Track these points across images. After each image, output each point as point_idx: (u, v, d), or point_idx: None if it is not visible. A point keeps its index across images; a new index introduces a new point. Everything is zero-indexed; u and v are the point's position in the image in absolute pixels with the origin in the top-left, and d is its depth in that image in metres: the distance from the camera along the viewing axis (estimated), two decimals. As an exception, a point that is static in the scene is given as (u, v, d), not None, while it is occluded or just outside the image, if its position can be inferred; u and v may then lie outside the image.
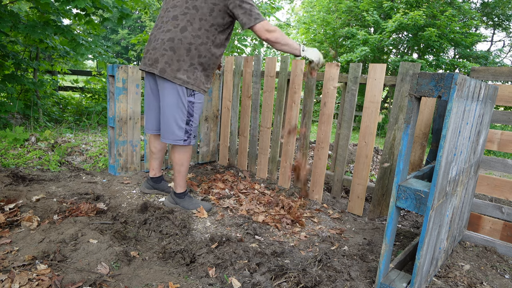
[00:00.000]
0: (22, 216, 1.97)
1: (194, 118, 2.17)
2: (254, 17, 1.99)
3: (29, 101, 5.06)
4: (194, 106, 2.13)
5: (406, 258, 1.82)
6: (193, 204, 2.38)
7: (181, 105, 2.09)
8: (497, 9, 11.13)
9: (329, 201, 2.78)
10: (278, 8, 7.11)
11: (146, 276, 1.57)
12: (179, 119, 2.13)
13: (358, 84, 2.53)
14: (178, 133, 2.15)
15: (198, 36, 2.02)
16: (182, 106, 2.10)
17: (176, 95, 2.08)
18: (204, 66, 2.09)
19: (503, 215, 2.11)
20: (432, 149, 2.21)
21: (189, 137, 2.20)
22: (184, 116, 2.13)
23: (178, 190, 2.37)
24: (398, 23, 9.05)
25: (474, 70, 2.13)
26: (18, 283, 1.39)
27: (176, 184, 2.37)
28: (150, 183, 2.58)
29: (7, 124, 4.44)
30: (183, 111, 2.11)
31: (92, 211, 2.14)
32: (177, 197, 2.38)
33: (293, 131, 2.83)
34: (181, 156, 2.26)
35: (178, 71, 2.03)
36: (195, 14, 2.00)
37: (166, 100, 2.11)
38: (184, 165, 2.30)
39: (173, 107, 2.10)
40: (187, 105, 2.10)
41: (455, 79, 1.26)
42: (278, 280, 1.63)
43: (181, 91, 2.07)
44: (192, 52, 2.02)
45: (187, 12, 2.01)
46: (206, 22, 2.01)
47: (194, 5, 2.01)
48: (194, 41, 2.01)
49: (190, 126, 2.17)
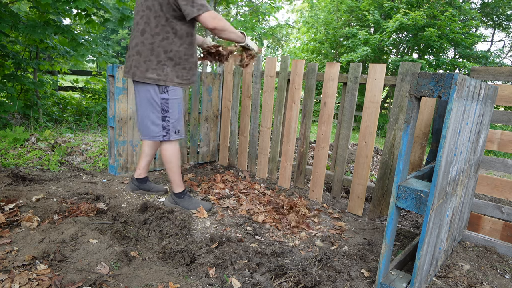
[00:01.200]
0: (22, 216, 1.97)
1: (170, 113, 2.20)
2: (197, 7, 1.99)
3: (29, 101, 5.06)
4: (168, 102, 2.18)
5: (406, 258, 1.82)
6: (193, 204, 2.39)
7: (154, 102, 2.16)
8: (496, 9, 11.12)
9: (329, 201, 2.78)
10: (278, 7, 7.11)
11: (146, 276, 1.57)
12: (154, 116, 2.19)
13: (358, 84, 2.53)
14: (155, 130, 2.22)
15: (157, 34, 2.07)
16: (155, 103, 2.17)
17: (148, 93, 2.15)
18: (174, 60, 2.12)
19: (503, 215, 2.11)
20: (432, 149, 2.20)
21: (168, 132, 2.24)
22: (159, 113, 2.19)
23: (176, 190, 2.38)
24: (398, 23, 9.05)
25: (474, 70, 2.13)
26: (18, 283, 1.39)
27: (172, 183, 2.37)
28: (135, 183, 2.57)
29: (7, 124, 4.44)
30: (156, 108, 2.18)
31: (92, 211, 2.14)
32: (177, 197, 2.39)
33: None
34: (167, 153, 2.29)
35: (146, 71, 2.10)
36: (150, 13, 2.07)
37: (139, 99, 2.21)
38: (173, 162, 2.31)
39: (147, 105, 2.18)
40: (160, 102, 2.16)
41: (455, 79, 1.26)
42: (278, 280, 1.63)
43: (153, 89, 2.14)
44: (156, 50, 2.08)
45: (143, 15, 2.09)
46: (160, 18, 2.05)
47: (147, 5, 2.08)
48: (154, 39, 2.07)
49: (167, 122, 2.22)
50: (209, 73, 3.49)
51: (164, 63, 2.10)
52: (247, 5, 7.26)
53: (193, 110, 3.41)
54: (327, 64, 2.65)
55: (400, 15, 9.12)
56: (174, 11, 2.05)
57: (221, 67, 3.55)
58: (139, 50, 2.10)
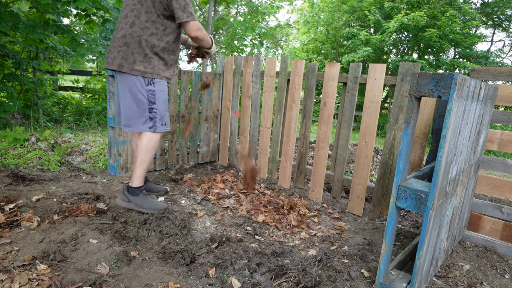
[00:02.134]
0: (22, 216, 1.97)
1: (156, 105, 2.23)
2: (187, 14, 2.13)
3: (29, 101, 5.06)
4: (155, 94, 2.21)
5: (406, 258, 1.82)
6: (147, 203, 2.24)
7: (141, 94, 2.18)
8: (496, 10, 11.11)
9: (329, 201, 2.78)
10: (278, 7, 7.10)
11: (146, 276, 1.57)
12: (141, 107, 2.20)
13: (358, 84, 2.53)
14: (142, 121, 2.23)
15: (146, 28, 2.13)
16: (141, 95, 2.19)
17: (134, 86, 2.17)
18: (159, 55, 2.19)
19: (503, 215, 2.11)
20: (432, 149, 2.21)
21: (155, 124, 2.24)
22: (146, 104, 2.20)
23: (134, 184, 2.24)
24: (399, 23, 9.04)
25: (474, 70, 2.13)
26: (18, 283, 1.39)
27: (134, 177, 2.25)
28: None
29: (7, 124, 4.44)
30: (143, 100, 2.20)
31: (92, 211, 2.14)
32: (130, 194, 2.23)
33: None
34: (148, 144, 2.22)
35: (134, 63, 2.14)
36: (141, 8, 2.13)
37: (124, 91, 2.22)
38: (150, 153, 2.25)
39: (134, 97, 2.19)
40: (146, 94, 2.19)
41: (455, 79, 1.26)
42: (278, 280, 1.63)
43: (139, 81, 2.17)
44: (143, 43, 2.13)
45: (134, 8, 2.15)
46: (151, 14, 2.13)
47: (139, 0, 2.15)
48: (143, 33, 2.13)
49: (154, 113, 2.23)
50: (209, 73, 3.49)
51: (151, 57, 2.16)
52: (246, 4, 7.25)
53: (193, 110, 3.41)
54: (327, 64, 2.65)
55: (401, 15, 9.12)
56: (165, 10, 2.14)
57: (222, 67, 3.55)
58: (126, 41, 2.13)
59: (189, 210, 2.40)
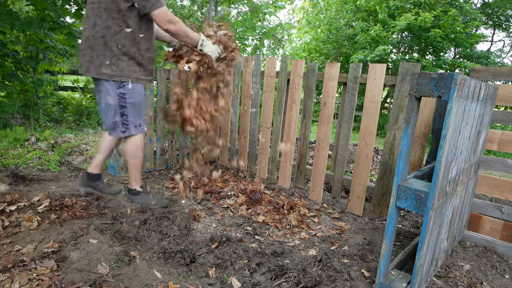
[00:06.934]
0: (22, 216, 1.97)
1: (128, 109, 2.10)
2: (150, 3, 1.89)
3: (29, 101, 5.06)
4: (126, 97, 2.08)
5: (406, 258, 1.82)
6: (149, 199, 2.30)
7: (111, 98, 2.07)
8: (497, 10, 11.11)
9: (329, 201, 2.78)
10: (280, 7, 7.08)
11: (146, 276, 1.57)
12: (112, 112, 2.10)
13: (358, 84, 2.53)
14: (115, 125, 2.13)
15: (108, 27, 1.95)
16: (111, 99, 2.08)
17: (104, 89, 2.07)
18: (129, 54, 2.01)
19: (503, 215, 2.11)
20: (432, 149, 2.20)
21: (128, 128, 2.14)
22: (117, 108, 2.09)
23: (133, 186, 2.28)
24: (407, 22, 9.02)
25: (474, 70, 2.13)
26: (18, 283, 1.39)
27: (131, 179, 2.27)
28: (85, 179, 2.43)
29: (7, 124, 4.44)
30: (114, 104, 2.09)
31: (92, 211, 2.14)
32: (133, 195, 2.29)
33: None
34: (131, 148, 2.20)
35: (100, 66, 1.99)
36: (100, 6, 1.95)
37: (99, 95, 2.12)
38: (138, 157, 2.23)
39: (105, 102, 2.10)
40: (117, 97, 2.07)
41: (455, 79, 1.26)
42: (278, 280, 1.63)
43: (109, 85, 2.05)
44: (109, 44, 1.97)
45: (93, 8, 1.97)
46: (111, 11, 1.93)
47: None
48: (106, 32, 1.95)
49: (125, 117, 2.12)
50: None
51: (118, 58, 1.99)
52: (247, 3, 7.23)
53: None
54: (327, 64, 2.65)
55: (410, 15, 9.09)
56: (126, 2, 1.92)
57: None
58: (90, 44, 1.98)
59: (189, 210, 2.40)
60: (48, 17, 4.26)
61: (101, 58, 1.98)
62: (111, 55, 1.98)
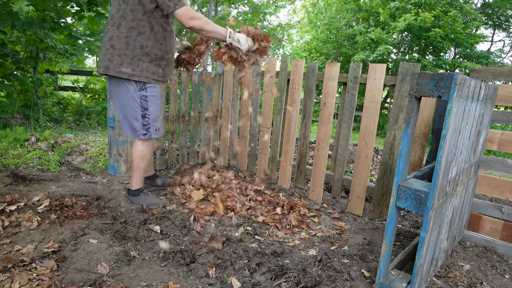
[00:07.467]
0: (22, 216, 1.97)
1: (149, 111, 2.13)
2: (173, 2, 1.93)
3: (29, 101, 5.06)
4: (147, 100, 2.10)
5: (406, 258, 1.82)
6: (150, 199, 2.31)
7: (133, 100, 2.08)
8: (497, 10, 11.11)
9: (329, 201, 2.78)
10: (281, 6, 7.08)
11: (146, 276, 1.57)
12: (134, 113, 2.12)
13: (358, 84, 2.53)
14: (136, 127, 2.15)
15: (133, 28, 1.99)
16: (134, 100, 2.09)
17: (125, 90, 2.07)
18: (150, 56, 2.05)
19: (503, 215, 2.11)
20: (432, 149, 2.20)
21: (148, 130, 2.17)
22: (138, 110, 2.11)
23: (134, 187, 2.28)
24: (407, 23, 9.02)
25: (474, 70, 2.13)
26: (18, 283, 1.39)
27: (133, 180, 2.28)
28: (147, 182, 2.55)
29: (7, 124, 4.44)
30: (136, 106, 2.10)
31: (92, 211, 2.14)
32: (132, 195, 2.29)
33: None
34: (143, 150, 2.22)
35: (121, 65, 2.00)
36: (126, 7, 1.98)
37: (117, 96, 2.12)
38: (145, 159, 2.25)
39: (126, 103, 2.10)
40: (139, 100, 2.09)
41: (455, 79, 1.26)
42: (278, 280, 1.63)
43: (130, 85, 2.06)
44: (132, 44, 2.00)
45: (119, 9, 2.01)
46: (137, 12, 1.97)
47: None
48: (130, 33, 1.99)
49: (148, 119, 2.14)
50: (209, 73, 3.49)
51: (140, 58, 2.02)
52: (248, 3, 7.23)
53: (193, 110, 3.41)
54: (327, 64, 2.65)
55: (409, 15, 9.09)
56: (151, 4, 1.96)
57: (222, 67, 3.54)
58: (113, 44, 2.01)
59: (189, 210, 2.40)
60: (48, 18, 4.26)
61: (122, 57, 2.01)
62: (133, 55, 2.01)
